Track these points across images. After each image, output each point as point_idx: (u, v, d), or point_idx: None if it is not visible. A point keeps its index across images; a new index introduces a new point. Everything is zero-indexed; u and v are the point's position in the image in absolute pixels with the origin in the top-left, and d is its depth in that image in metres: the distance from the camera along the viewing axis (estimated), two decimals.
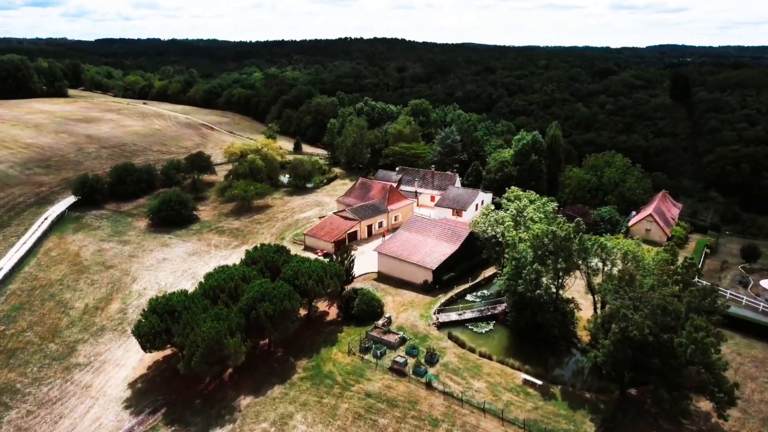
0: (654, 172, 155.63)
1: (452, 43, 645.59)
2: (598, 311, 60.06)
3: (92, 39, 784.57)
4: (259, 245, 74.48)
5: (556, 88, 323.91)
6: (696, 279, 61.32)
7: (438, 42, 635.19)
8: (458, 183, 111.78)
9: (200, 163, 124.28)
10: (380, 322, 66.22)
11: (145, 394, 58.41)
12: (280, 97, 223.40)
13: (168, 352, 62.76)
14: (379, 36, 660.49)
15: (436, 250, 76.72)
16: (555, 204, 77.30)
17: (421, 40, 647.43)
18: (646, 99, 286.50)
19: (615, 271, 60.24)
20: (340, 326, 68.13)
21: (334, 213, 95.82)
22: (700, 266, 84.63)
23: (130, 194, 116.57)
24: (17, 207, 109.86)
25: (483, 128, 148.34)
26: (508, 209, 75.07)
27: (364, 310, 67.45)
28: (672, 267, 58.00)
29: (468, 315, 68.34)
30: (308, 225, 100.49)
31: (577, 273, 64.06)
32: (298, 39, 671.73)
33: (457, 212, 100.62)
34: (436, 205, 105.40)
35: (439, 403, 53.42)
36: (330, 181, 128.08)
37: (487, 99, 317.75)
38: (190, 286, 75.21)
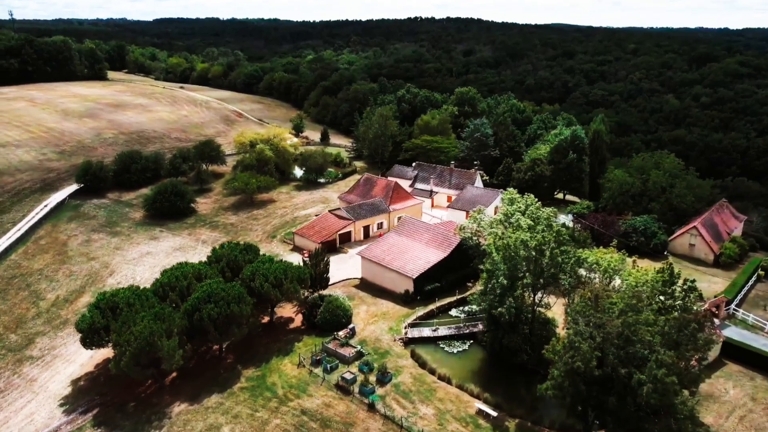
0: (749, 178, 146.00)
1: (534, 24, 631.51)
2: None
3: (151, 19, 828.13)
4: (226, 243, 76.76)
5: (644, 76, 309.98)
6: (699, 305, 57.43)
7: (518, 23, 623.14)
8: (478, 182, 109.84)
9: (209, 152, 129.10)
10: (341, 333, 66.62)
11: (83, 393, 61.89)
12: (319, 83, 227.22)
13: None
14: (453, 15, 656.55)
15: (422, 257, 76.08)
16: (570, 211, 74.45)
17: (500, 20, 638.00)
18: (752, 90, 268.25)
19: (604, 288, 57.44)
20: (301, 335, 69.13)
21: (329, 211, 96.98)
22: (747, 290, 79.28)
23: (133, 183, 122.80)
24: (22, 193, 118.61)
25: (538, 120, 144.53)
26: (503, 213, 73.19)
27: (327, 320, 68.06)
28: (665, 289, 54.64)
29: (443, 332, 67.38)
30: (305, 223, 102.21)
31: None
32: (363, 19, 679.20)
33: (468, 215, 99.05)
34: (449, 206, 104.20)
35: (376, 428, 53.22)
36: (346, 175, 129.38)
37: (562, 88, 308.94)
38: None
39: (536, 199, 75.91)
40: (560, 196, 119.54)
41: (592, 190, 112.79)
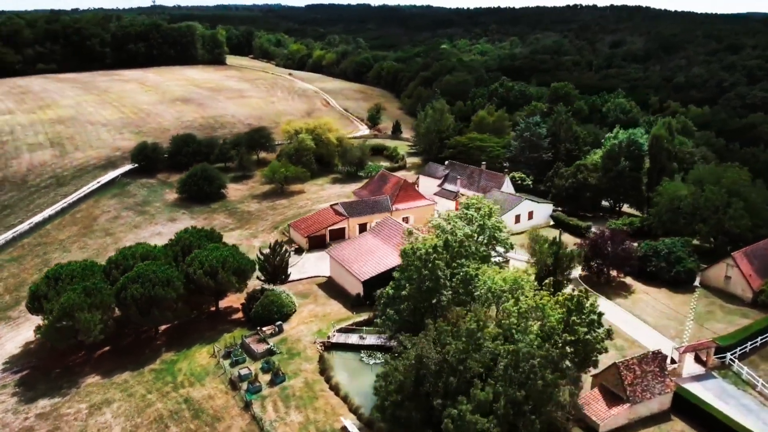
0: None
1: (738, 14, 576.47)
2: None
3: (303, 5, 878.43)
4: (191, 227, 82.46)
5: None
6: (602, 343, 51.96)
7: (695, 11, 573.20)
8: (507, 186, 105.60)
9: (258, 139, 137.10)
10: (266, 329, 69.06)
11: (26, 356, 70.81)
12: (419, 73, 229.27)
13: None
14: (618, 3, 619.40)
15: (382, 261, 75.93)
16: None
17: (672, 9, 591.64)
18: None
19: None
20: (235, 326, 72.67)
21: (330, 205, 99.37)
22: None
23: (183, 166, 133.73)
24: (85, 169, 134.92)
25: (645, 123, 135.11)
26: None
27: (259, 314, 70.88)
28: (574, 319, 50.30)
29: (371, 341, 67.10)
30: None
31: None
32: (518, 6, 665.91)
33: None
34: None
35: (239, 426, 55.22)
36: (390, 171, 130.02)
37: (715, 87, 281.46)
38: None
39: (496, 207, 72.30)
40: (607, 206, 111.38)
41: (648, 204, 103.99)
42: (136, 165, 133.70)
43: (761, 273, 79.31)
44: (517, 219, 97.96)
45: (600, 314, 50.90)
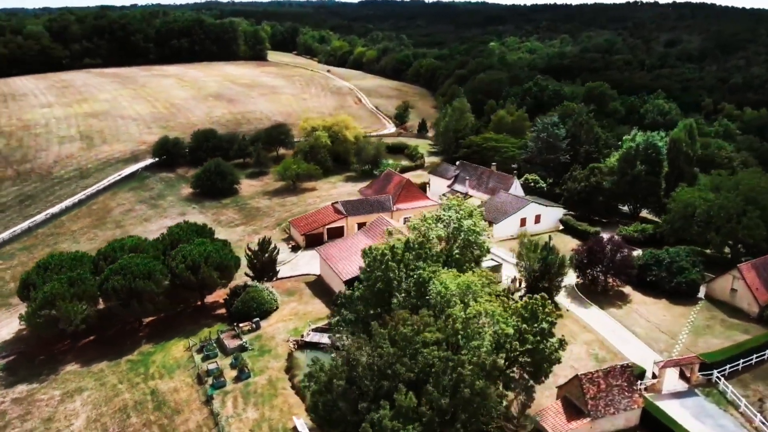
0: None
1: None
2: None
3: (356, 1, 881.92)
4: (183, 222, 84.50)
5: None
6: (556, 353, 50.52)
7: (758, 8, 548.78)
8: (516, 188, 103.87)
9: (277, 136, 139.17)
10: (243, 324, 70.23)
11: (16, 342, 74.20)
12: (454, 72, 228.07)
13: None
14: (681, 0, 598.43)
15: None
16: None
17: (740, 5, 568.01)
18: None
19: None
20: (218, 321, 74.15)
21: (332, 204, 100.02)
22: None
23: (203, 161, 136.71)
24: (109, 162, 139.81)
25: (684, 126, 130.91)
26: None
27: (239, 309, 72.12)
28: (528, 327, 49.32)
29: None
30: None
31: None
32: (574, 3, 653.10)
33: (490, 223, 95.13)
34: None
35: (196, 420, 56.45)
36: (407, 170, 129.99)
37: None
38: None
39: (478, 209, 71.32)
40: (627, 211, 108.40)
41: (664, 210, 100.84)
42: (157, 159, 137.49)
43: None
44: (523, 222, 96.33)
45: (552, 323, 49.61)
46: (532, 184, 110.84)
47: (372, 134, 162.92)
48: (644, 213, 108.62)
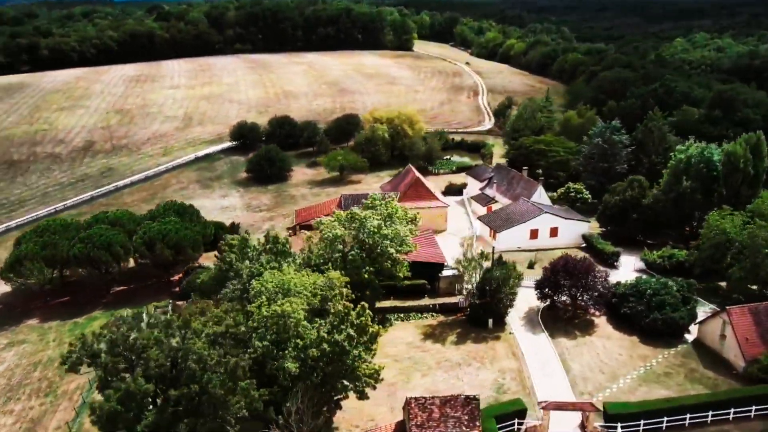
0: None
1: None
2: None
3: None
4: (171, 201, 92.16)
5: None
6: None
7: None
8: (540, 195, 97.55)
9: (346, 126, 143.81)
10: (180, 303, 75.64)
11: (8, 296, 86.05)
12: (589, 68, 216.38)
13: None
14: None
15: None
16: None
17: None
18: None
19: None
20: (171, 297, 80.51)
21: (341, 196, 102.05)
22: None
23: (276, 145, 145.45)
24: (194, 142, 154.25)
25: (745, 139, 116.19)
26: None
27: (184, 288, 77.78)
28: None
29: None
30: None
31: None
32: None
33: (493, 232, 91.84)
34: (478, 218, 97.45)
35: (78, 381, 62.86)
36: (464, 169, 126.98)
37: None
38: None
39: (399, 212, 69.25)
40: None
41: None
42: (235, 143, 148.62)
43: (762, 335, 64.93)
44: (534, 234, 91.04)
45: (364, 333, 48.25)
46: (573, 194, 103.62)
47: (460, 130, 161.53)
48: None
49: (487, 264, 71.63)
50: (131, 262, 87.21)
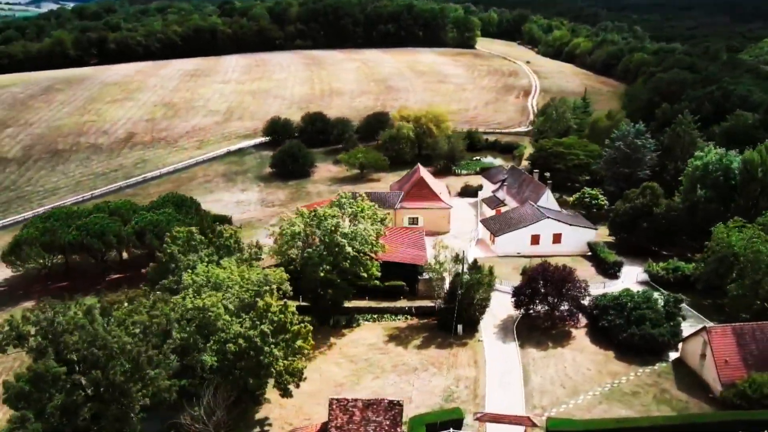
0: None
1: None
2: None
3: None
4: (170, 192, 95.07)
5: None
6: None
7: None
8: (547, 200, 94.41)
9: (376, 124, 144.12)
10: None
11: (11, 278, 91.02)
12: (649, 68, 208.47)
13: None
14: None
15: None
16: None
17: None
18: None
19: None
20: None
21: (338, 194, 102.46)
22: None
23: (305, 142, 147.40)
24: (229, 137, 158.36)
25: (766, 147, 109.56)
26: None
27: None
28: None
29: None
30: None
31: None
32: None
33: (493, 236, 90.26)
34: (481, 220, 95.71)
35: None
36: (486, 169, 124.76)
37: None
38: None
39: (367, 212, 68.67)
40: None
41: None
42: (267, 138, 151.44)
43: (752, 362, 60.93)
44: (535, 240, 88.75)
45: (283, 330, 48.46)
46: (588, 200, 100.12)
47: (498, 131, 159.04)
48: None
49: (458, 268, 70.29)
50: (133, 251, 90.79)
